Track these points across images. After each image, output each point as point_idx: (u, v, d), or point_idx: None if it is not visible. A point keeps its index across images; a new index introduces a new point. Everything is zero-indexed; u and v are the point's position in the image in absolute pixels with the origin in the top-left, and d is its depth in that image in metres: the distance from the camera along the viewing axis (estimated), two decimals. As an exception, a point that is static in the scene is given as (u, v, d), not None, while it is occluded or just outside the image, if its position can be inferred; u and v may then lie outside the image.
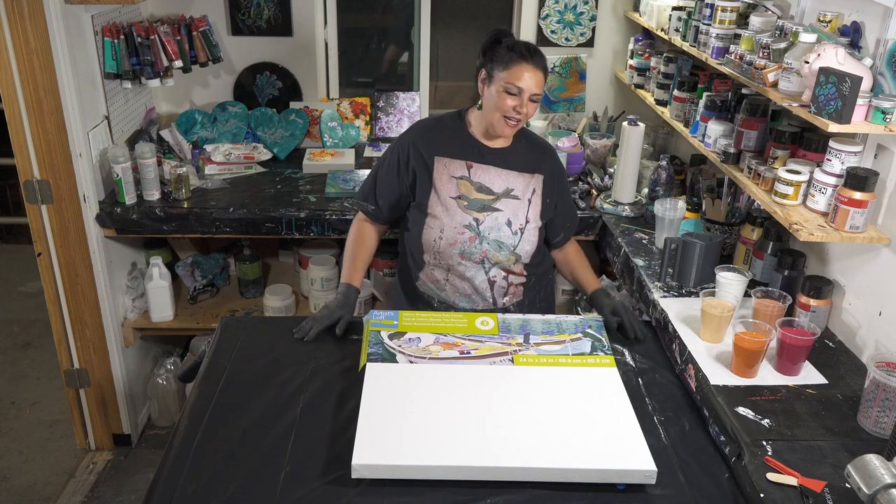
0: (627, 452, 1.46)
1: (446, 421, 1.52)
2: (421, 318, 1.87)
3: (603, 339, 1.83)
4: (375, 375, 1.65)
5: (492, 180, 1.97)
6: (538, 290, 2.12)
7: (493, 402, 1.59)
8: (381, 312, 1.88)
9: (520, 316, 1.92)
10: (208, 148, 3.04)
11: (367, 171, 2.88)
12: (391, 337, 1.78)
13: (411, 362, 1.71)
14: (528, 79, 1.83)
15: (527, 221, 1.99)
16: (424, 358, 1.73)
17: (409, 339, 1.79)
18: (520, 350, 1.77)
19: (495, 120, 1.88)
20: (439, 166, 1.96)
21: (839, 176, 1.75)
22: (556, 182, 2.04)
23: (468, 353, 1.75)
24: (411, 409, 1.55)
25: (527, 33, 3.27)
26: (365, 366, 1.69)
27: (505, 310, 2.06)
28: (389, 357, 1.72)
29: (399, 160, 2.00)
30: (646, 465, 1.43)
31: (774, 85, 1.89)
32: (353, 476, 1.40)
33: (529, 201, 1.99)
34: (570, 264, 2.15)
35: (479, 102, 1.94)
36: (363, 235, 2.08)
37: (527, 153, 2.01)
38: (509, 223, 1.97)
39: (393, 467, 1.41)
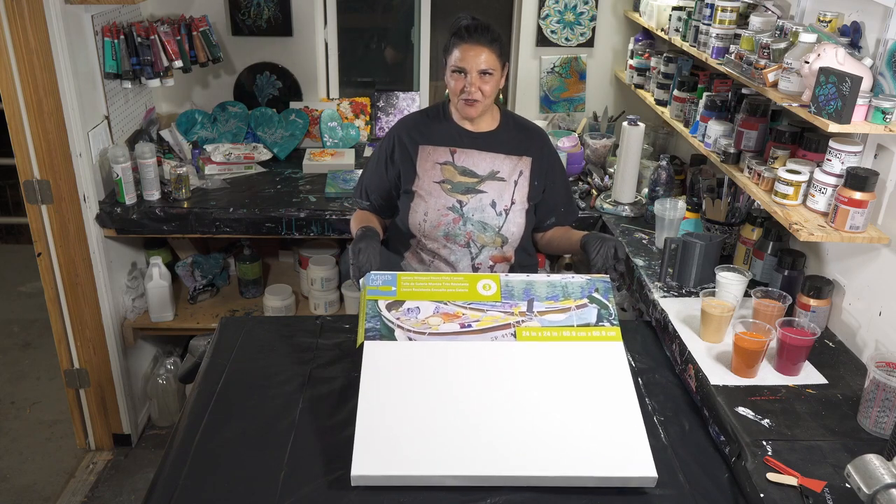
0: (629, 458, 1.44)
1: (445, 426, 1.49)
2: (420, 282, 1.75)
3: (609, 304, 1.74)
4: (373, 361, 1.59)
5: (476, 163, 1.97)
6: None
7: (493, 403, 1.55)
8: (379, 275, 1.76)
9: (523, 277, 1.77)
10: (208, 148, 3.04)
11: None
12: (389, 307, 1.69)
13: (410, 339, 1.64)
14: (469, 58, 1.83)
15: (512, 203, 1.98)
16: (424, 333, 1.65)
17: (408, 309, 1.70)
18: (523, 321, 1.69)
19: (457, 104, 1.91)
20: (423, 154, 1.98)
21: (839, 176, 1.75)
22: (545, 165, 2.02)
23: (469, 325, 1.68)
24: (409, 412, 1.52)
25: (527, 33, 3.28)
26: (363, 344, 1.63)
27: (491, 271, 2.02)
28: (388, 333, 1.65)
29: (385, 154, 2.02)
30: (647, 471, 1.41)
31: (774, 85, 1.88)
32: (353, 485, 1.40)
33: (516, 183, 1.98)
34: (556, 231, 2.09)
35: (447, 92, 1.96)
36: (364, 216, 2.08)
37: (514, 136, 2.00)
38: (493, 204, 1.96)
39: (392, 477, 1.40)
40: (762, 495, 1.38)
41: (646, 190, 2.65)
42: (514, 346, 1.64)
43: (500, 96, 2.00)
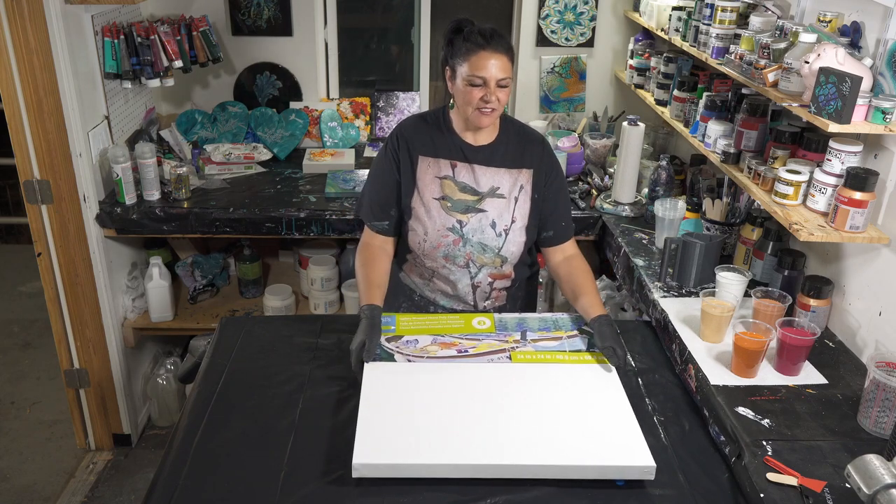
0: (626, 448, 1.46)
1: (446, 419, 1.52)
2: (418, 321, 1.87)
3: None
4: (374, 374, 1.65)
5: (477, 179, 1.91)
6: (520, 295, 2.09)
7: (491, 399, 1.59)
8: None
9: (516, 315, 1.92)
10: (208, 148, 3.04)
11: (367, 171, 2.86)
12: (389, 340, 1.78)
13: (409, 361, 1.71)
14: (489, 67, 1.75)
15: (512, 221, 1.93)
16: (423, 357, 1.73)
17: (407, 341, 1.79)
18: (517, 347, 1.77)
19: (470, 114, 1.82)
20: (423, 165, 1.91)
21: (839, 176, 1.75)
22: (545, 175, 1.95)
23: (466, 351, 1.76)
24: (410, 408, 1.55)
25: (527, 33, 3.28)
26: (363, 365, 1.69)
27: (484, 311, 2.02)
28: (388, 357, 1.72)
29: (394, 159, 1.93)
30: (644, 460, 1.43)
31: (774, 85, 1.88)
32: (354, 475, 1.40)
33: (516, 199, 1.92)
34: (574, 282, 1.92)
35: (452, 101, 1.89)
36: (372, 254, 1.93)
37: (513, 148, 1.93)
38: (493, 224, 1.91)
39: (393, 466, 1.41)
40: (762, 495, 1.38)
41: (646, 190, 2.65)
42: (510, 366, 1.72)
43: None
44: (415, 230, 1.93)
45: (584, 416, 1.55)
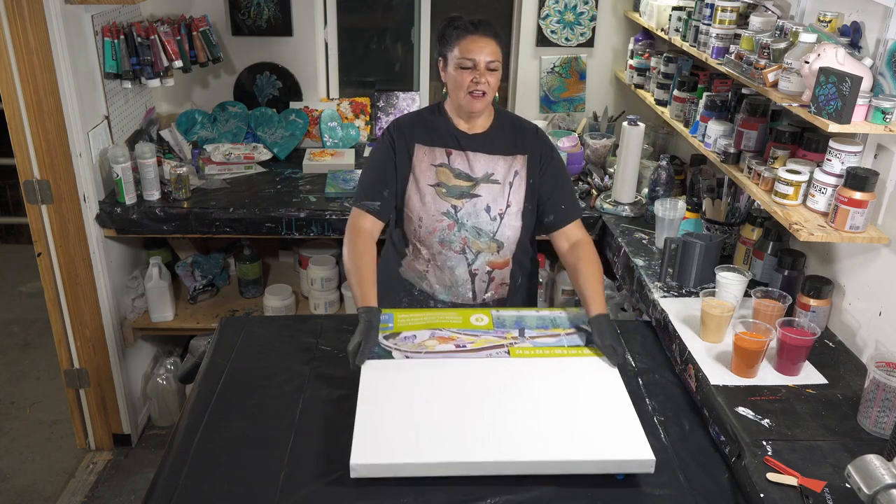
0: (625, 442, 1.46)
1: (444, 417, 1.52)
2: (416, 317, 1.87)
3: None
4: (371, 373, 1.65)
5: (472, 166, 1.94)
6: (522, 291, 2.10)
7: (490, 396, 1.59)
8: None
9: (514, 312, 1.91)
10: (208, 148, 3.04)
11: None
12: (387, 337, 1.78)
13: (408, 357, 1.71)
14: (479, 49, 1.82)
15: (507, 206, 1.95)
16: (420, 353, 1.72)
17: (405, 337, 1.78)
18: (515, 343, 1.77)
19: (461, 99, 1.86)
20: (419, 153, 1.95)
21: (839, 176, 1.75)
22: (539, 160, 1.97)
23: (464, 346, 1.75)
24: (408, 406, 1.55)
25: (527, 33, 3.28)
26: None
27: (484, 304, 2.03)
28: (385, 354, 1.71)
29: (391, 144, 1.96)
30: (643, 454, 1.43)
31: (774, 85, 1.88)
32: (353, 476, 1.40)
33: (511, 184, 1.95)
34: (578, 273, 1.90)
35: (445, 90, 1.93)
36: (361, 246, 1.90)
37: (508, 136, 1.97)
38: (488, 209, 1.94)
39: (392, 466, 1.41)
40: (762, 495, 1.38)
41: (646, 190, 2.65)
42: (508, 361, 1.72)
43: (496, 95, 1.98)
44: (410, 217, 1.96)
45: (584, 410, 1.55)
